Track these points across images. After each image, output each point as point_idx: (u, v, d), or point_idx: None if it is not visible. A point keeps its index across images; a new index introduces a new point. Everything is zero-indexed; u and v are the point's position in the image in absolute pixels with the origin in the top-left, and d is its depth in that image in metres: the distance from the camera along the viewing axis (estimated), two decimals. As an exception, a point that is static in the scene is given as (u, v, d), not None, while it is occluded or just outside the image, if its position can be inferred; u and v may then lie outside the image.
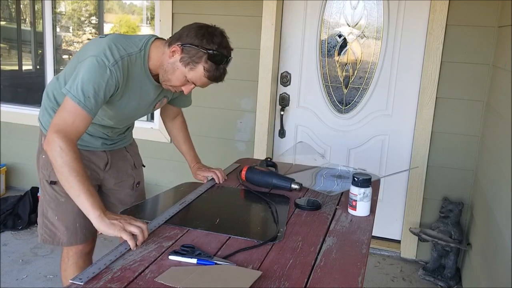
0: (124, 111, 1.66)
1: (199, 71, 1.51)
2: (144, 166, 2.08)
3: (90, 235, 1.87)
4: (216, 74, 1.53)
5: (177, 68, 1.53)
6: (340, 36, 3.11)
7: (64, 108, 1.43)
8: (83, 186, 1.36)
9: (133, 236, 1.30)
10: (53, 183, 1.74)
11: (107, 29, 3.75)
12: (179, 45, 1.51)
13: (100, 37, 1.57)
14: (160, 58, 1.57)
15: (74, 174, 1.36)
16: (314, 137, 3.26)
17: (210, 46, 1.49)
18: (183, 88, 1.59)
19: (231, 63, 1.60)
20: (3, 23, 4.09)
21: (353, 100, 3.15)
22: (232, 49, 1.58)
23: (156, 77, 1.63)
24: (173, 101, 1.91)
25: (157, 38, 1.62)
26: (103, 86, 1.45)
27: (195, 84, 1.57)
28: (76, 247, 1.84)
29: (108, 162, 1.84)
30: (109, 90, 1.48)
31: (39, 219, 1.82)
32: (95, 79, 1.43)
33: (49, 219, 1.78)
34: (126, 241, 1.30)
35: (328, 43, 3.13)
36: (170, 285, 1.11)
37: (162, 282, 1.13)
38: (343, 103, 3.18)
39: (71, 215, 1.76)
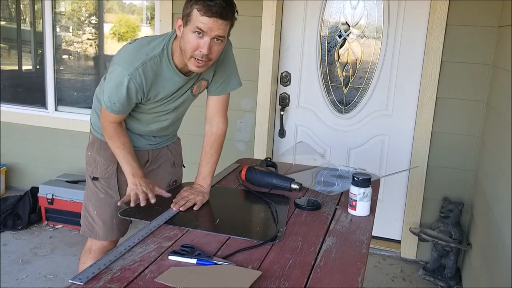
0: (164, 108, 1.76)
1: (195, 15, 1.47)
2: (184, 167, 2.12)
3: (125, 231, 1.96)
4: (212, 8, 1.45)
5: (184, 34, 1.53)
6: (340, 36, 3.11)
7: (103, 110, 1.71)
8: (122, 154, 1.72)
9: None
10: (95, 179, 1.86)
11: (107, 29, 3.75)
12: (179, 18, 1.55)
13: (130, 43, 1.66)
14: (178, 48, 1.59)
15: (116, 144, 1.73)
16: (314, 137, 3.26)
17: None
18: (201, 49, 1.50)
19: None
20: (3, 23, 4.09)
21: (353, 100, 3.15)
22: None
23: (185, 71, 1.65)
24: (212, 87, 1.81)
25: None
26: (125, 92, 1.59)
27: (203, 32, 1.48)
28: (101, 243, 1.91)
29: (149, 159, 1.92)
30: (133, 93, 1.61)
31: (82, 212, 1.94)
32: (117, 88, 1.60)
33: (90, 213, 1.89)
34: (126, 241, 1.31)
35: (328, 43, 3.13)
36: (170, 285, 1.11)
37: (162, 282, 1.13)
38: (343, 103, 3.18)
39: (109, 211, 1.86)
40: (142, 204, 1.61)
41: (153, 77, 1.61)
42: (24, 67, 4.10)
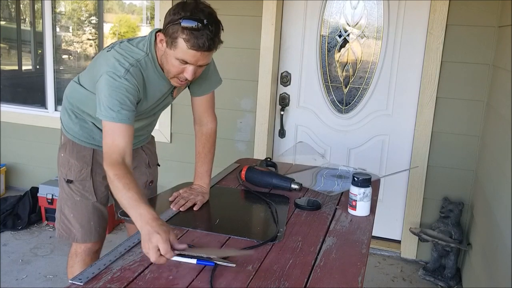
0: (147, 111, 1.69)
1: (181, 46, 1.41)
2: (159, 165, 2.09)
3: (104, 233, 1.92)
4: (199, 41, 1.39)
5: (167, 55, 1.47)
6: (340, 36, 3.10)
7: (105, 131, 1.46)
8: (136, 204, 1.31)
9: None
10: (70, 181, 1.80)
11: (107, 29, 3.74)
12: (162, 31, 1.47)
13: (107, 50, 1.56)
14: (160, 55, 1.55)
15: (128, 195, 1.33)
16: (314, 137, 3.26)
17: (181, 15, 1.39)
18: (184, 74, 1.49)
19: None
20: (3, 23, 4.09)
21: (353, 100, 3.15)
22: (212, 13, 1.44)
23: None
24: (194, 88, 1.76)
25: (157, 32, 1.55)
26: (125, 95, 1.45)
27: (189, 63, 1.45)
28: (85, 245, 1.87)
29: None
30: (134, 97, 1.48)
31: (56, 214, 1.88)
32: (115, 93, 1.44)
33: (66, 215, 1.84)
34: (126, 241, 1.32)
35: (328, 43, 3.13)
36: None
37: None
38: (343, 103, 3.17)
39: (86, 213, 1.81)
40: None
41: (142, 81, 1.53)
42: (24, 67, 4.10)
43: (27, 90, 4.04)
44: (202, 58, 1.45)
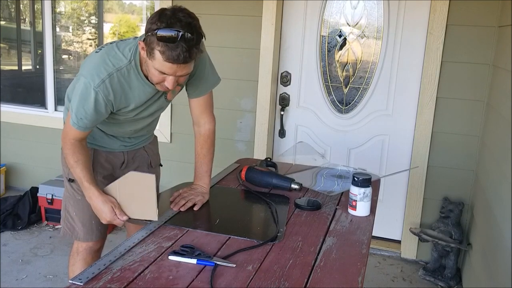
0: (137, 117, 1.70)
1: (158, 57, 1.38)
2: (161, 166, 2.10)
3: (105, 232, 1.94)
4: (173, 54, 1.35)
5: (148, 64, 1.45)
6: (340, 36, 3.10)
7: (66, 124, 1.63)
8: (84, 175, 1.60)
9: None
10: (71, 180, 1.82)
11: (107, 29, 3.74)
12: (142, 39, 1.44)
13: (96, 51, 1.56)
14: (143, 63, 1.53)
15: (71, 162, 1.62)
16: (314, 137, 3.26)
17: (157, 26, 1.35)
18: (165, 83, 1.46)
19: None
20: (3, 23, 4.09)
21: (353, 100, 3.15)
22: (190, 23, 1.37)
23: None
24: (191, 90, 1.75)
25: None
26: (92, 106, 1.51)
27: (167, 74, 1.43)
28: (86, 244, 1.88)
29: (124, 161, 1.90)
30: (102, 107, 1.53)
31: (62, 213, 1.91)
32: (83, 102, 1.51)
33: (70, 213, 1.87)
34: (126, 241, 1.31)
35: (328, 43, 3.13)
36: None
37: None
38: (343, 103, 3.17)
39: (87, 212, 1.81)
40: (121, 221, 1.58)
41: (121, 89, 1.53)
42: (24, 67, 4.10)
43: (27, 90, 4.04)
44: (180, 69, 1.42)
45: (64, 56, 3.89)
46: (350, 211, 1.66)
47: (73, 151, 1.60)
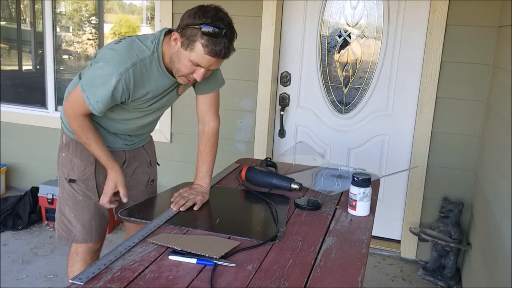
0: (149, 108, 1.73)
1: (198, 49, 1.47)
2: (158, 165, 2.12)
3: (104, 233, 1.93)
4: (216, 48, 1.47)
5: (181, 55, 1.52)
6: (340, 36, 3.11)
7: (72, 98, 1.63)
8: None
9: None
10: (72, 181, 1.80)
11: (107, 29, 3.75)
12: (178, 31, 1.52)
13: (115, 42, 1.59)
14: (169, 52, 1.58)
15: (89, 135, 1.67)
16: (314, 137, 3.26)
17: (203, 21, 1.46)
18: (194, 75, 1.55)
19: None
20: (3, 23, 4.09)
21: (353, 100, 3.15)
22: (230, 22, 1.52)
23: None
24: (199, 86, 1.79)
25: (168, 31, 1.62)
26: (110, 91, 1.52)
27: (202, 66, 1.52)
28: (86, 244, 1.88)
29: (126, 160, 1.91)
30: (118, 94, 1.55)
31: (56, 215, 1.88)
32: (103, 86, 1.52)
33: (66, 216, 1.84)
34: (126, 241, 1.32)
35: (328, 43, 3.13)
36: (163, 244, 1.30)
37: (154, 242, 1.31)
38: (343, 103, 3.18)
39: (88, 213, 1.82)
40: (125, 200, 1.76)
41: (141, 79, 1.57)
42: (24, 67, 4.10)
43: (27, 90, 4.05)
44: (216, 63, 1.53)
45: (65, 56, 3.89)
46: (350, 211, 1.67)
47: (89, 127, 1.66)
